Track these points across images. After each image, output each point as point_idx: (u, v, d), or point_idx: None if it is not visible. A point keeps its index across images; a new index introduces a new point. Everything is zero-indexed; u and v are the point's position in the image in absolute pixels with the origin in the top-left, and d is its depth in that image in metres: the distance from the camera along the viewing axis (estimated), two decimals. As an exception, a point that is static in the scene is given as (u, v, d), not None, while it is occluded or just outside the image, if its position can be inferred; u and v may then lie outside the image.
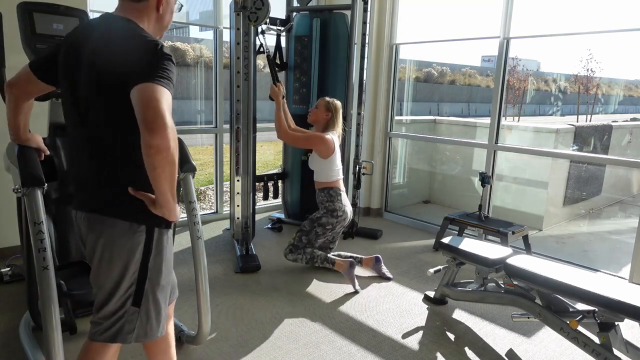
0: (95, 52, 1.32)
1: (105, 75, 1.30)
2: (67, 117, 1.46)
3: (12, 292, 2.82)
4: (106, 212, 1.35)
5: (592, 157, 5.28)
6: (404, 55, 4.85)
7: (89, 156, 1.37)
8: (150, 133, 1.17)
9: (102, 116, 1.33)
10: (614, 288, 2.07)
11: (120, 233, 1.35)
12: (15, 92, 1.54)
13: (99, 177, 1.37)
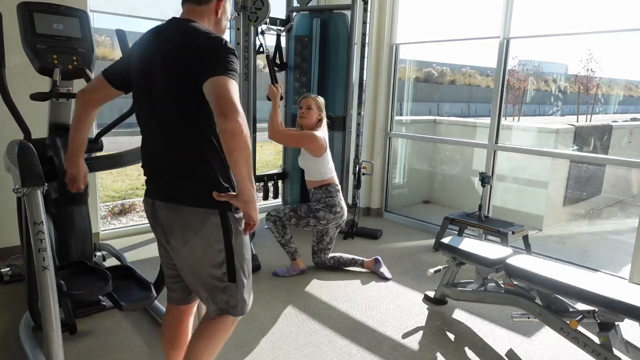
0: (167, 53, 1.46)
1: (178, 74, 1.43)
2: (140, 116, 1.58)
3: (12, 292, 2.82)
4: (186, 201, 1.46)
5: (592, 157, 5.28)
6: (404, 55, 4.85)
7: (168, 151, 1.49)
8: (224, 119, 1.30)
9: (178, 114, 1.45)
10: (614, 288, 2.07)
11: (201, 220, 1.46)
12: (86, 97, 1.68)
13: (178, 170, 1.48)
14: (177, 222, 1.50)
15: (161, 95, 1.47)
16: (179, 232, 1.50)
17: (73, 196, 2.52)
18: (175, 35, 1.49)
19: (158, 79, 1.47)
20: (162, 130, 1.49)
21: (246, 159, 1.34)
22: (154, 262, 3.29)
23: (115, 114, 2.83)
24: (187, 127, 1.45)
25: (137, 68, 1.55)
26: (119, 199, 6.07)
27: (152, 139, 1.55)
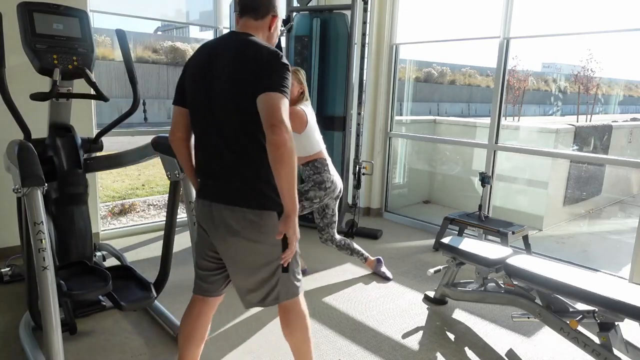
0: (230, 64, 1.55)
1: (240, 85, 1.53)
2: (198, 125, 1.67)
3: (12, 292, 2.82)
4: (246, 204, 1.58)
5: (592, 157, 5.28)
6: (404, 55, 4.85)
7: (227, 157, 1.58)
8: (271, 132, 1.41)
9: (239, 122, 1.55)
10: (614, 288, 2.07)
11: (261, 220, 1.58)
12: (176, 136, 1.74)
13: (237, 175, 1.58)
14: (238, 222, 1.59)
15: (223, 104, 1.57)
16: (239, 232, 1.59)
17: (73, 196, 2.52)
18: (236, 47, 1.58)
19: (220, 89, 1.56)
20: (223, 137, 1.58)
21: (288, 173, 1.43)
22: (154, 262, 3.29)
23: (115, 114, 2.83)
24: (246, 135, 1.55)
25: (196, 79, 1.64)
26: (119, 199, 6.07)
27: (211, 146, 1.63)
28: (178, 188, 2.23)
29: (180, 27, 17.31)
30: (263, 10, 1.65)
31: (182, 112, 1.70)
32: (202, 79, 1.61)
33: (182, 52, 15.53)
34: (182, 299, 2.81)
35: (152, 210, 5.58)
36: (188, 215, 2.14)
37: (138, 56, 14.22)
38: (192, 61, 1.68)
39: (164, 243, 2.36)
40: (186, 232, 3.36)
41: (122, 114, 2.57)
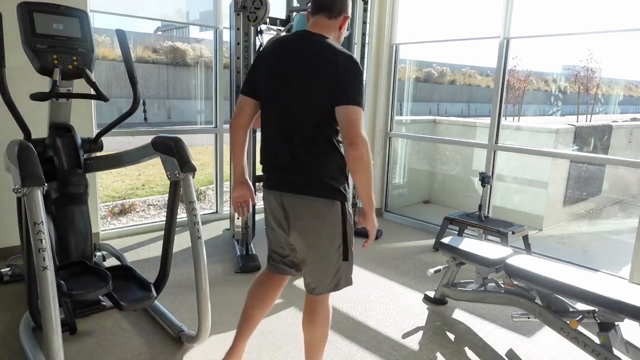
0: (305, 65, 1.65)
1: (316, 86, 1.64)
2: (269, 120, 1.77)
3: (12, 292, 2.82)
4: (314, 193, 1.70)
5: (592, 157, 5.28)
6: (404, 55, 4.85)
7: (298, 152, 1.70)
8: (351, 148, 1.58)
9: (311, 121, 1.67)
10: (614, 288, 2.07)
11: (327, 208, 1.71)
12: (241, 121, 1.84)
13: (307, 168, 1.70)
14: (306, 210, 1.72)
15: (296, 102, 1.68)
16: (308, 219, 1.72)
17: (73, 196, 2.52)
18: (314, 50, 1.67)
19: (294, 88, 1.67)
20: (295, 133, 1.69)
21: (365, 180, 1.63)
22: (154, 262, 3.29)
23: (115, 114, 2.83)
24: (317, 131, 1.67)
25: (269, 76, 1.73)
26: (119, 199, 6.07)
27: (283, 140, 1.73)
28: (178, 188, 2.23)
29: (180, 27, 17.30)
30: (337, 10, 1.72)
31: (250, 102, 1.80)
32: (278, 77, 1.70)
33: (182, 52, 15.52)
34: (182, 299, 2.81)
35: (152, 210, 5.58)
36: (188, 215, 2.14)
37: (138, 56, 14.21)
38: (267, 58, 1.77)
39: (164, 243, 2.36)
40: (186, 232, 3.36)
41: (122, 114, 2.57)
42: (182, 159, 2.11)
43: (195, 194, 2.19)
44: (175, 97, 14.62)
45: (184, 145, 2.17)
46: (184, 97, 14.44)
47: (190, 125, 6.41)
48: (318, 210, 1.70)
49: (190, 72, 14.30)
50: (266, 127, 1.80)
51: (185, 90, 14.45)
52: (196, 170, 2.16)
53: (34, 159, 1.85)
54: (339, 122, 1.62)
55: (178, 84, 14.58)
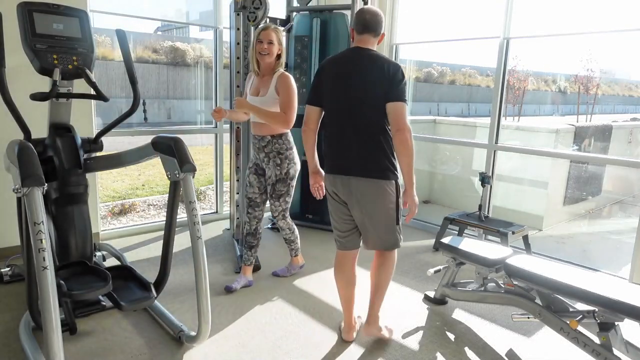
0: (363, 75, 2.14)
1: (375, 90, 2.11)
2: (336, 119, 2.22)
3: (12, 292, 2.82)
4: (376, 176, 2.16)
5: (592, 157, 5.28)
6: (404, 55, 4.85)
7: (361, 144, 2.16)
8: (398, 132, 2.07)
9: (370, 117, 2.14)
10: (614, 288, 2.07)
11: (386, 186, 2.17)
12: (311, 127, 2.31)
13: (369, 156, 2.16)
14: (370, 189, 2.17)
15: (360, 103, 2.14)
16: (371, 195, 2.17)
17: (73, 196, 2.52)
18: (370, 62, 2.15)
19: (358, 92, 2.14)
20: (357, 130, 2.16)
21: (409, 161, 2.09)
22: (154, 262, 3.30)
23: (115, 114, 2.83)
24: (376, 128, 2.14)
25: (336, 85, 2.20)
26: (119, 199, 6.07)
27: (347, 136, 2.18)
28: (178, 188, 2.23)
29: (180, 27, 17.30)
30: (379, 29, 2.22)
31: (316, 110, 2.28)
32: (343, 85, 2.17)
33: (182, 52, 15.53)
34: (182, 299, 2.81)
35: (152, 210, 5.58)
36: (188, 215, 2.14)
37: (138, 56, 14.22)
38: (329, 72, 2.24)
39: (164, 243, 2.36)
40: (186, 232, 3.36)
41: (122, 114, 2.57)
42: (182, 159, 2.11)
43: (195, 194, 2.19)
44: (175, 97, 14.61)
45: (184, 145, 2.17)
46: (184, 97, 14.43)
47: (190, 125, 6.42)
48: (380, 189, 2.16)
49: (190, 72, 14.30)
50: (334, 125, 2.24)
51: (185, 90, 14.44)
52: (196, 170, 2.16)
53: (34, 159, 1.85)
54: (389, 115, 2.08)
55: (178, 84, 14.57)
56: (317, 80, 2.27)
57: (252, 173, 2.95)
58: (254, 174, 2.94)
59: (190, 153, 2.16)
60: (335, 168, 2.25)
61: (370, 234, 2.29)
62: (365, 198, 2.19)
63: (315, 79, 2.29)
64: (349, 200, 2.23)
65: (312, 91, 2.29)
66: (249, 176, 2.97)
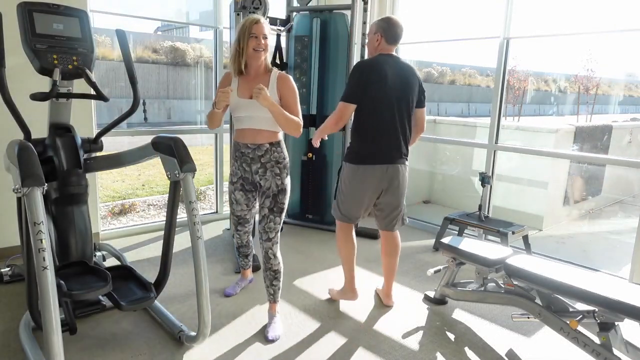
0: (401, 79, 2.57)
1: (412, 94, 2.60)
2: (379, 116, 2.56)
3: (12, 292, 2.82)
4: (402, 162, 2.66)
5: (592, 157, 5.28)
6: (404, 55, 4.85)
7: (398, 138, 2.60)
8: (420, 132, 2.78)
9: (407, 116, 2.62)
10: (614, 288, 2.07)
11: (406, 170, 2.70)
12: (345, 122, 2.67)
13: (401, 147, 2.63)
14: (400, 173, 2.65)
15: (400, 104, 2.56)
16: (400, 177, 2.65)
17: (73, 196, 2.52)
18: (403, 67, 2.60)
19: (398, 93, 2.55)
20: (397, 126, 2.58)
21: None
22: (154, 262, 3.30)
23: (115, 113, 2.83)
24: (409, 124, 2.64)
25: (380, 86, 2.52)
26: (119, 199, 6.07)
27: (389, 129, 2.57)
28: (178, 188, 2.23)
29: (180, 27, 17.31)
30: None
31: (354, 107, 2.56)
32: (387, 86, 2.51)
33: (182, 52, 15.53)
34: (182, 298, 2.81)
35: (152, 210, 5.58)
36: (188, 215, 2.14)
37: (138, 56, 14.22)
38: (373, 74, 2.52)
39: (164, 243, 2.36)
40: (186, 232, 3.36)
41: (122, 114, 2.57)
42: (182, 159, 2.11)
43: (195, 194, 2.19)
44: (175, 97, 14.61)
45: (184, 145, 2.17)
46: (184, 97, 14.43)
47: (190, 125, 6.41)
48: (405, 172, 2.68)
49: (190, 72, 14.30)
50: (376, 120, 2.56)
51: (185, 90, 14.44)
52: (196, 170, 2.16)
53: (34, 159, 1.85)
54: (418, 118, 2.70)
55: (178, 84, 14.57)
56: (359, 81, 2.52)
57: (239, 190, 2.54)
58: (241, 190, 2.54)
59: (190, 153, 2.16)
60: (376, 158, 2.58)
61: (395, 213, 2.73)
62: (396, 181, 2.63)
63: (357, 80, 2.53)
64: (390, 185, 2.63)
65: (355, 90, 2.54)
66: (234, 192, 2.57)
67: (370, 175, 2.59)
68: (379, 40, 2.58)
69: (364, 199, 2.65)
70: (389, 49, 2.59)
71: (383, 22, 2.59)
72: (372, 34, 2.63)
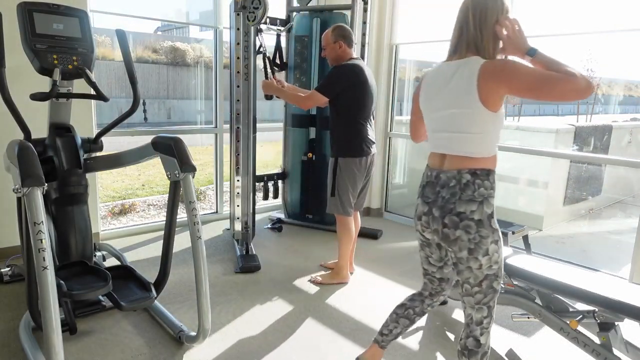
0: (372, 80, 2.97)
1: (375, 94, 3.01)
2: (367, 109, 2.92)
3: (12, 292, 2.82)
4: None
5: (592, 157, 5.27)
6: (404, 55, 4.85)
7: (372, 128, 2.96)
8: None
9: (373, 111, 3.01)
10: (614, 288, 2.07)
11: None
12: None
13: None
14: (374, 159, 3.05)
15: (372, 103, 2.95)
16: (373, 163, 3.04)
17: (73, 196, 2.52)
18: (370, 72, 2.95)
19: (373, 95, 2.96)
20: (371, 121, 2.99)
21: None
22: (154, 262, 3.30)
23: (115, 113, 2.83)
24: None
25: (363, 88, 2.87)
26: (119, 199, 6.07)
27: (369, 126, 2.95)
28: (178, 188, 2.23)
29: (180, 27, 17.33)
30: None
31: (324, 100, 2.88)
32: (367, 87, 2.86)
33: (182, 52, 15.53)
34: (182, 299, 2.81)
35: (152, 210, 5.58)
36: (188, 215, 2.14)
37: (138, 56, 14.22)
38: (361, 76, 2.85)
39: (164, 243, 2.36)
40: (186, 232, 3.36)
41: (122, 114, 2.57)
42: (182, 159, 2.11)
43: (195, 194, 2.19)
44: (175, 97, 14.61)
45: (184, 145, 2.17)
46: (184, 97, 14.44)
47: (190, 125, 6.42)
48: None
49: (190, 72, 14.30)
50: (363, 116, 2.91)
51: (185, 90, 14.44)
52: (196, 170, 2.16)
53: (34, 159, 1.85)
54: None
55: (178, 84, 14.57)
56: (340, 81, 2.88)
57: None
58: None
59: (190, 153, 2.16)
60: (368, 149, 2.96)
61: (365, 192, 3.15)
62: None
63: (339, 80, 2.90)
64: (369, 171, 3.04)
65: (334, 88, 2.88)
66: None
67: (365, 165, 2.95)
68: (342, 46, 2.94)
69: (359, 187, 3.03)
70: (351, 53, 2.97)
71: (338, 30, 2.98)
72: (332, 43, 2.98)
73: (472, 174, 1.65)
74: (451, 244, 1.65)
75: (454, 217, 1.62)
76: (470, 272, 1.65)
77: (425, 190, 1.74)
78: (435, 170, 1.72)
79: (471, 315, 1.70)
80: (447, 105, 1.68)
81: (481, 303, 1.68)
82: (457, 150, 1.68)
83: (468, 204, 1.62)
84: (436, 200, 1.68)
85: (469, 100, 1.59)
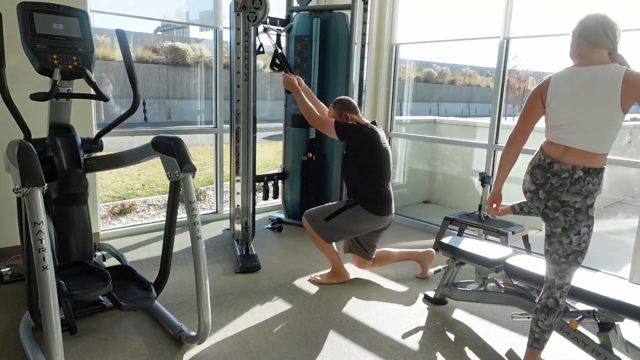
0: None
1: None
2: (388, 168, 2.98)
3: (12, 292, 2.82)
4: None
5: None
6: (404, 55, 4.85)
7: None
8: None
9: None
10: (614, 288, 2.07)
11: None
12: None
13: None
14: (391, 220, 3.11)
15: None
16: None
17: (73, 196, 2.52)
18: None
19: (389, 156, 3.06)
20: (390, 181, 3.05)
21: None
22: (154, 262, 3.30)
23: (115, 113, 2.83)
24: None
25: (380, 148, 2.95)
26: (119, 199, 6.07)
27: (390, 186, 3.04)
28: (178, 188, 2.23)
29: (180, 27, 17.34)
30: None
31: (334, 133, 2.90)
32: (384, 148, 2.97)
33: (182, 52, 15.54)
34: (182, 299, 2.81)
35: (152, 210, 5.59)
36: (188, 215, 2.14)
37: (138, 56, 14.22)
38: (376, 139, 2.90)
39: (164, 243, 2.36)
40: (186, 232, 3.36)
41: (122, 114, 2.57)
42: (182, 159, 2.11)
43: (195, 194, 2.19)
44: (175, 97, 14.61)
45: (184, 145, 2.17)
46: (184, 97, 14.44)
47: (190, 125, 6.43)
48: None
49: (190, 72, 14.31)
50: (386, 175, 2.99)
51: (185, 90, 14.45)
52: (196, 170, 2.17)
53: (34, 159, 1.85)
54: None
55: (178, 84, 14.57)
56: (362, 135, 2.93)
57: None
58: None
59: (190, 153, 2.16)
60: (389, 210, 3.03)
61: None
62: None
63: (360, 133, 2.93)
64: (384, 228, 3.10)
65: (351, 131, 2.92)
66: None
67: (379, 222, 2.95)
68: (348, 117, 2.95)
69: (354, 235, 3.06)
70: (361, 118, 3.02)
71: (339, 105, 3.01)
72: (339, 118, 2.97)
73: (585, 171, 1.86)
74: (549, 221, 1.95)
75: (556, 203, 1.91)
76: (560, 245, 1.94)
77: (535, 171, 2.01)
78: (550, 159, 1.96)
79: (553, 281, 1.98)
80: (587, 104, 1.84)
81: (565, 272, 1.96)
82: (581, 144, 1.86)
83: (574, 195, 1.89)
84: (544, 185, 1.95)
85: (611, 102, 1.78)
